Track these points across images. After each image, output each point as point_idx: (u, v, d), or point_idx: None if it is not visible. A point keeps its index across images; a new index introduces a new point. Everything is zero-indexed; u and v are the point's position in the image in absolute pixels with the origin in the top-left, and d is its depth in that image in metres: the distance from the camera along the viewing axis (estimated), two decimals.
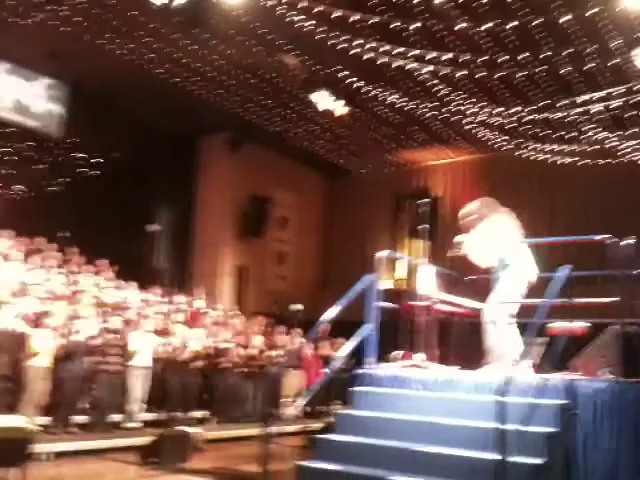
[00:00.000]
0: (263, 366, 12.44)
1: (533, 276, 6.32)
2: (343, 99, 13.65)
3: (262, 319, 14.46)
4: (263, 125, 16.09)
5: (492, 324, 6.21)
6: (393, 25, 10.48)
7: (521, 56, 11.22)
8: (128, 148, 16.35)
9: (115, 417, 9.99)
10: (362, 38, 10.83)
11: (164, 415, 10.64)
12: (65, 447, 8.42)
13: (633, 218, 14.40)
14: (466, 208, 6.66)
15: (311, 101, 13.50)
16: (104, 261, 13.69)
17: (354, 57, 11.27)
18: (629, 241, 5.57)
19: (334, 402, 13.54)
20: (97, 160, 17.41)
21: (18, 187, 18.02)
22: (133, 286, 12.85)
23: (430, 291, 7.46)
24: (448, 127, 15.51)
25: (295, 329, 14.60)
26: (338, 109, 13.67)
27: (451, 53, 11.25)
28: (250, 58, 12.78)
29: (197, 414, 11.41)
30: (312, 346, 13.59)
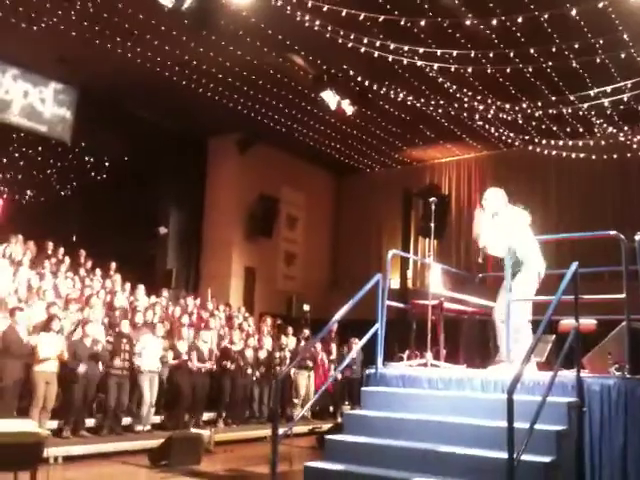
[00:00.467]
0: (272, 367, 12.43)
1: (542, 270, 6.27)
2: (353, 98, 13.64)
3: (271, 320, 14.44)
4: (272, 125, 16.09)
5: (503, 323, 6.16)
6: (402, 22, 10.44)
7: (531, 50, 11.16)
8: (137, 151, 16.40)
9: (125, 420, 10.01)
10: (371, 36, 10.78)
11: (173, 418, 10.66)
12: (75, 451, 8.45)
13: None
14: (485, 197, 6.62)
15: (320, 100, 13.48)
16: (112, 265, 13.75)
17: (364, 55, 11.21)
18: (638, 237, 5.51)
19: (343, 402, 13.56)
20: (106, 163, 17.48)
21: (28, 191, 18.13)
22: (142, 289, 12.85)
23: (440, 289, 7.43)
24: (458, 124, 15.44)
25: (304, 329, 14.59)
26: (348, 108, 13.65)
27: (458, 50, 11.20)
28: (259, 59, 12.78)
29: (206, 416, 11.43)
30: (321, 346, 13.57)
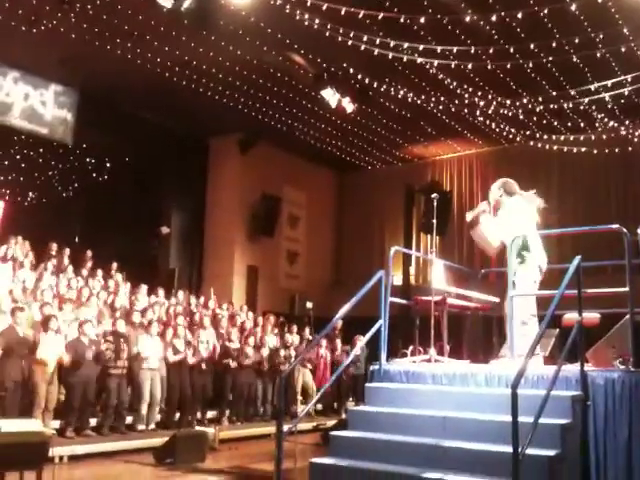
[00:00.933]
0: (275, 364, 12.44)
1: (544, 264, 6.25)
2: (353, 95, 13.63)
3: (274, 318, 14.45)
4: (272, 124, 16.08)
5: (511, 318, 6.17)
6: (402, 19, 10.43)
7: (531, 45, 11.14)
8: (139, 152, 16.43)
9: (127, 419, 10.01)
10: (370, 34, 10.77)
11: (177, 416, 10.67)
12: (80, 450, 8.47)
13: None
14: (491, 189, 6.64)
15: (321, 98, 13.47)
16: (114, 264, 13.77)
17: (363, 53, 11.20)
18: None
19: (347, 399, 13.57)
20: (108, 164, 17.52)
21: (30, 193, 18.17)
22: (143, 288, 12.86)
23: (443, 285, 7.43)
24: (458, 120, 15.42)
25: (307, 327, 14.59)
26: (348, 106, 13.64)
27: (458, 46, 11.18)
28: (258, 58, 12.77)
29: (210, 414, 11.45)
30: (324, 344, 13.57)
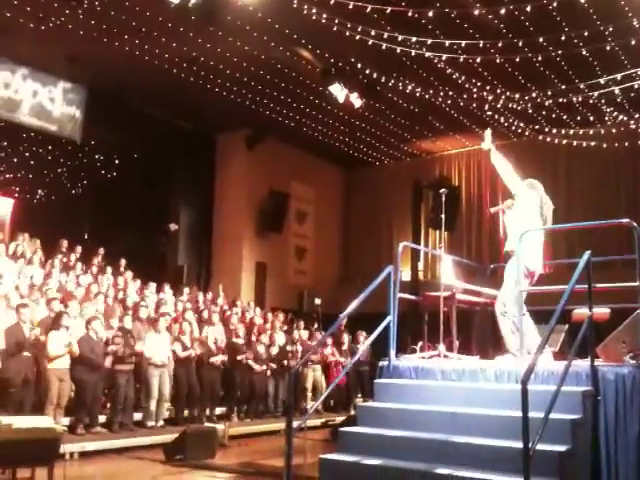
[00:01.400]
0: (285, 361, 12.45)
1: (534, 267, 6.20)
2: (361, 90, 13.59)
3: (283, 316, 14.46)
4: (280, 120, 16.07)
5: (502, 315, 6.17)
6: (410, 13, 10.39)
7: (540, 39, 11.08)
8: (147, 148, 16.47)
9: (137, 416, 10.05)
10: (378, 28, 10.74)
11: (186, 412, 10.70)
12: (90, 446, 8.51)
13: None
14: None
15: (328, 94, 13.45)
16: (122, 261, 13.82)
17: (371, 48, 11.17)
18: None
19: (356, 395, 13.57)
20: (116, 161, 17.57)
21: (39, 190, 18.25)
22: (152, 286, 12.90)
23: (451, 281, 7.41)
24: (467, 115, 15.35)
25: (315, 323, 14.59)
26: (356, 101, 13.61)
27: (467, 40, 11.14)
28: (266, 53, 12.75)
29: (219, 410, 11.47)
30: (333, 340, 13.57)
